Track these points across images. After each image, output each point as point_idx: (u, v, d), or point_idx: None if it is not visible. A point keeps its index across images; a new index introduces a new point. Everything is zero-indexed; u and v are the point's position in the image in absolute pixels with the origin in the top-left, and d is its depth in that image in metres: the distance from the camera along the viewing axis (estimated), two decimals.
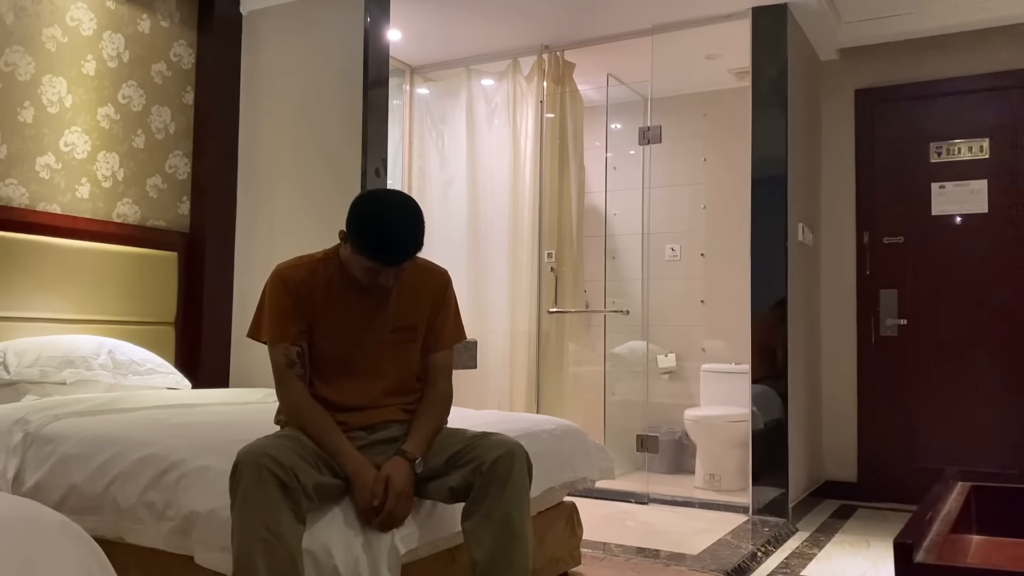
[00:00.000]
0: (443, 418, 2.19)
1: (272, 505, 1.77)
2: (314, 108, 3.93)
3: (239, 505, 1.79)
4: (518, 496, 1.95)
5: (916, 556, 1.31)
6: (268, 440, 1.91)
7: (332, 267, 2.11)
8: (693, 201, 5.36)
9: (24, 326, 3.27)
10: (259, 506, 1.76)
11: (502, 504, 1.93)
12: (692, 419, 4.66)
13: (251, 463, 1.80)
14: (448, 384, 2.23)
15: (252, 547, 1.74)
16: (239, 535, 1.78)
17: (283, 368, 2.07)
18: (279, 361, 2.07)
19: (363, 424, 2.09)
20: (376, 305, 2.12)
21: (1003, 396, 4.25)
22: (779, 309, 3.97)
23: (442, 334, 2.21)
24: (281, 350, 2.07)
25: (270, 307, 2.10)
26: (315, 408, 2.05)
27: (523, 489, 1.98)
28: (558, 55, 4.86)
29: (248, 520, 1.77)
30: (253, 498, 1.77)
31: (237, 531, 1.78)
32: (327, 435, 1.99)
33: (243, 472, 1.80)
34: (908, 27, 4.43)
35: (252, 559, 1.74)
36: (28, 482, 2.33)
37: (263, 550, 1.73)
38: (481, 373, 4.44)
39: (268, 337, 2.09)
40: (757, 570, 3.14)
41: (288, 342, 2.07)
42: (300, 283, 2.09)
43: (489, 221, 4.90)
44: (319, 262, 2.13)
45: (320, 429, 2.00)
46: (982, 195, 4.36)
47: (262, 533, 1.74)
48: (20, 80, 3.35)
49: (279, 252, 3.94)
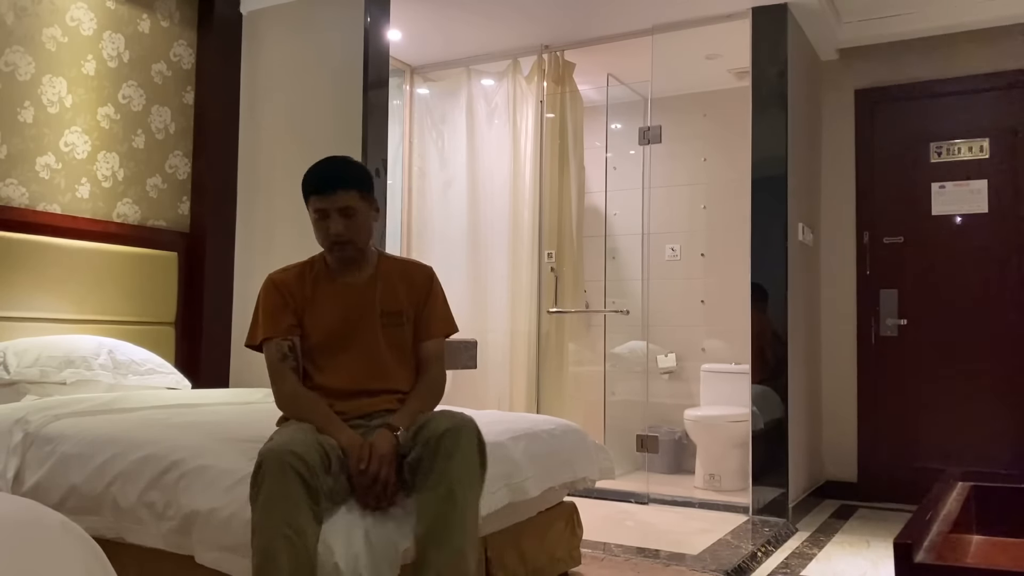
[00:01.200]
0: (432, 398, 2.23)
1: (296, 503, 1.78)
2: (314, 108, 3.93)
3: (263, 502, 1.79)
4: (464, 472, 1.92)
5: (916, 556, 1.31)
6: (290, 436, 1.91)
7: (318, 267, 2.26)
8: (693, 201, 5.36)
9: (24, 326, 3.27)
10: (283, 503, 1.77)
11: (446, 479, 1.90)
12: (692, 419, 4.66)
13: (277, 460, 1.80)
14: (439, 370, 2.27)
15: (275, 544, 1.75)
16: (262, 532, 1.78)
17: (276, 362, 2.15)
18: (272, 357, 2.16)
19: (360, 412, 2.14)
20: (362, 292, 2.23)
21: (1003, 396, 4.25)
22: (779, 309, 3.97)
23: (431, 323, 2.28)
24: (274, 346, 2.16)
25: (262, 309, 2.22)
26: (308, 394, 2.13)
27: (470, 464, 1.95)
28: (558, 55, 4.86)
29: (272, 517, 1.77)
30: (277, 495, 1.78)
31: (260, 528, 1.78)
32: (322, 416, 2.06)
33: (268, 469, 1.80)
34: (908, 27, 4.43)
35: (275, 557, 1.74)
36: (28, 482, 2.33)
37: (285, 547, 1.74)
38: (481, 373, 4.43)
39: (262, 334, 2.18)
40: (757, 570, 3.14)
41: (280, 337, 2.16)
42: (288, 283, 2.23)
43: (489, 221, 4.90)
44: (306, 264, 2.28)
45: (315, 412, 2.07)
46: (982, 195, 4.36)
47: (285, 531, 1.75)
48: (20, 80, 3.35)
49: (279, 252, 3.94)
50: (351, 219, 2.15)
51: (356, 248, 2.20)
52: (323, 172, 2.17)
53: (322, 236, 2.18)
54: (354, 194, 2.15)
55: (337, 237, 2.14)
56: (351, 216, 2.15)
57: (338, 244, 2.16)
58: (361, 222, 2.18)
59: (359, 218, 2.17)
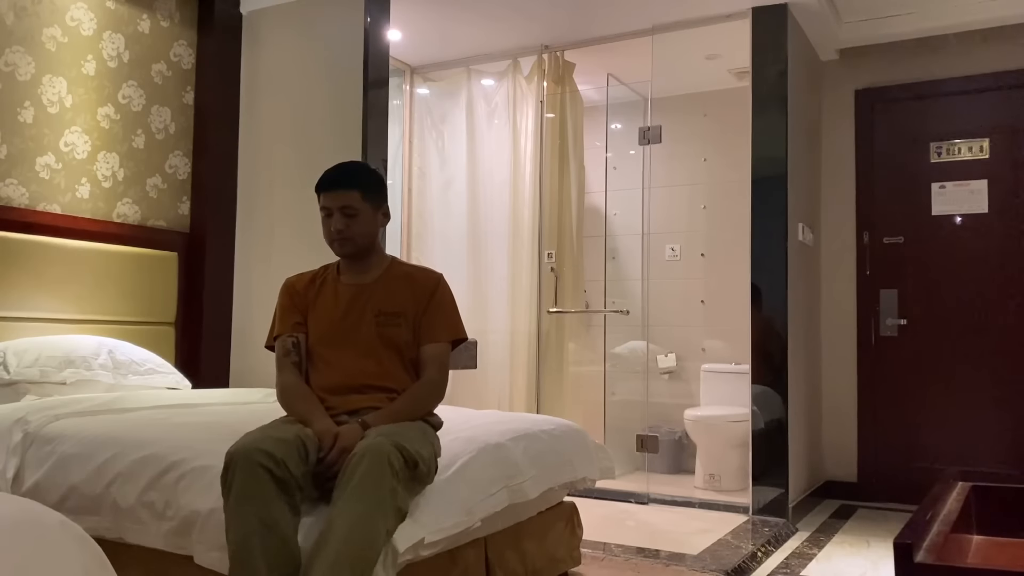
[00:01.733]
0: (419, 402, 2.22)
1: (267, 499, 1.81)
2: (314, 108, 3.93)
3: (234, 501, 1.83)
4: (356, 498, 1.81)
5: (916, 556, 1.31)
6: (258, 434, 1.94)
7: (330, 271, 2.39)
8: (693, 201, 5.36)
9: (24, 326, 3.27)
10: (253, 501, 1.81)
11: (340, 502, 1.83)
12: (692, 419, 4.66)
13: (244, 458, 1.83)
14: (436, 373, 2.27)
15: (247, 536, 1.78)
16: (235, 528, 1.81)
17: (280, 357, 2.28)
18: (278, 352, 2.29)
19: (349, 408, 2.17)
20: (362, 292, 2.31)
21: (1003, 396, 4.25)
22: (779, 309, 3.97)
23: (433, 327, 2.31)
24: (280, 342, 2.30)
25: (277, 310, 2.37)
26: (300, 387, 2.21)
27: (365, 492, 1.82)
28: (558, 55, 4.85)
29: (242, 514, 1.80)
30: (247, 494, 1.81)
31: (232, 524, 1.82)
32: (303, 407, 2.13)
33: (237, 468, 1.84)
34: (908, 27, 4.43)
35: (250, 550, 1.77)
36: (28, 482, 2.33)
37: (259, 540, 1.78)
38: (481, 373, 4.44)
39: (275, 333, 2.33)
40: (757, 570, 3.14)
41: (286, 333, 2.30)
42: (299, 285, 2.37)
43: (489, 221, 4.90)
44: (320, 269, 2.41)
45: (299, 403, 2.15)
46: (982, 195, 4.36)
47: (256, 525, 1.79)
48: (20, 80, 3.35)
49: (279, 252, 3.94)
50: (352, 218, 2.26)
51: (355, 246, 2.29)
52: (332, 172, 2.32)
53: (325, 231, 2.31)
54: (356, 195, 2.26)
55: (336, 234, 2.27)
56: (352, 216, 2.26)
57: (337, 240, 2.28)
58: (362, 222, 2.28)
59: (360, 218, 2.27)
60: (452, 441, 2.30)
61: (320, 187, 2.30)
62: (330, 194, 2.27)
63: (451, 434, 2.35)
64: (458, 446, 2.28)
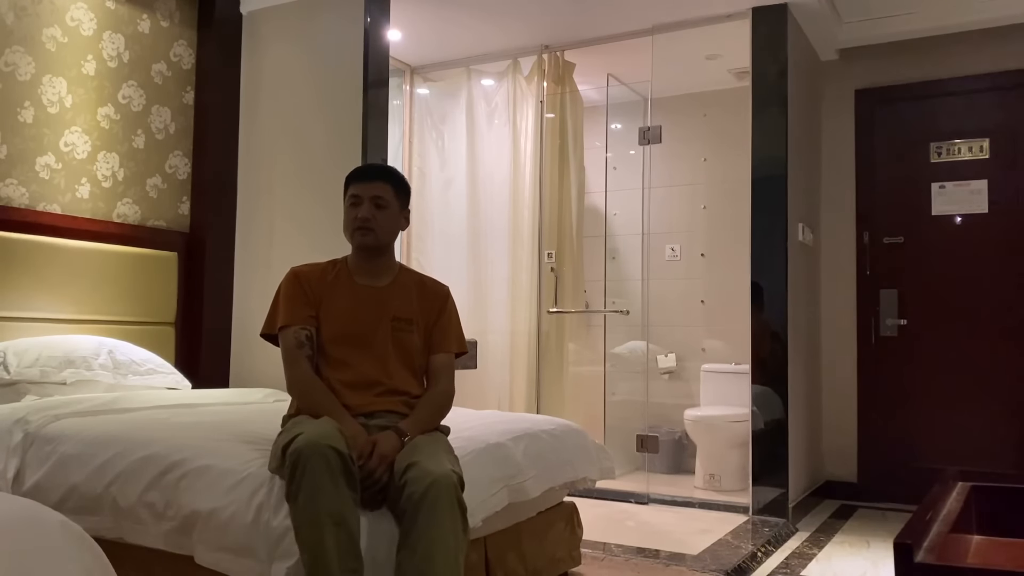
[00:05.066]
0: (440, 412, 2.28)
1: (337, 492, 1.81)
2: (314, 108, 3.93)
3: (305, 497, 1.81)
4: (442, 533, 1.85)
5: (916, 556, 1.31)
6: (319, 428, 1.92)
7: (340, 267, 2.34)
8: (693, 201, 5.36)
9: (24, 326, 3.27)
10: (324, 495, 1.80)
11: (424, 540, 1.84)
12: (692, 419, 4.65)
13: (318, 454, 1.82)
14: (449, 384, 2.33)
15: (324, 538, 1.78)
16: (309, 527, 1.80)
17: (293, 349, 2.20)
18: (289, 343, 2.21)
19: (364, 410, 2.18)
20: (378, 295, 2.30)
21: (1003, 396, 4.25)
22: (779, 309, 3.97)
23: (445, 339, 2.35)
24: (291, 333, 2.22)
25: (283, 298, 2.28)
26: (319, 382, 2.18)
27: (449, 524, 1.86)
28: (558, 55, 4.85)
29: (315, 511, 1.80)
30: (318, 488, 1.80)
31: (305, 523, 1.81)
32: (331, 405, 2.11)
33: (309, 463, 1.82)
34: (908, 27, 4.43)
35: (325, 551, 1.77)
36: (28, 482, 2.33)
37: (333, 539, 1.78)
38: (481, 373, 4.44)
39: (281, 322, 2.24)
40: (757, 570, 3.14)
41: (299, 325, 2.22)
42: (310, 276, 2.31)
43: (489, 221, 4.90)
44: (329, 263, 2.37)
45: (325, 400, 2.13)
46: (982, 195, 4.36)
47: (328, 522, 1.79)
48: (20, 80, 3.35)
49: (279, 252, 3.94)
50: (380, 210, 2.26)
51: (376, 238, 2.27)
52: (368, 165, 2.42)
53: (349, 220, 2.28)
54: (389, 188, 2.28)
55: (363, 222, 2.24)
56: (381, 207, 2.26)
57: (360, 229, 2.25)
58: (389, 216, 2.28)
59: (388, 212, 2.27)
60: (452, 441, 2.30)
61: (353, 177, 2.31)
62: (364, 184, 2.27)
63: (452, 434, 2.35)
64: (458, 446, 2.28)
